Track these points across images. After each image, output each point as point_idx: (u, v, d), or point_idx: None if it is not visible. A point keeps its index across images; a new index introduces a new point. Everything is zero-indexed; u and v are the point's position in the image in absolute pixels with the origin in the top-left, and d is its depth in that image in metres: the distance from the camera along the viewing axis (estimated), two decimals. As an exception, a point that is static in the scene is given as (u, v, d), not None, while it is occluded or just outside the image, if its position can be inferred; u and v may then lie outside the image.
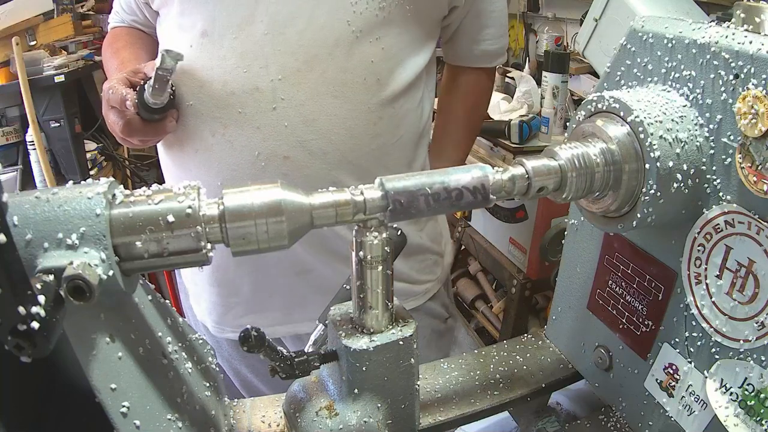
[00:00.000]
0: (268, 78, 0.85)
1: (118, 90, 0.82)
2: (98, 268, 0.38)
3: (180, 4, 0.89)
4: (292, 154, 0.86)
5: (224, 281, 0.99)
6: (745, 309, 0.48)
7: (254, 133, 0.85)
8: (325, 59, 0.85)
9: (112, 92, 0.83)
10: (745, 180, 0.46)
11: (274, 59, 0.84)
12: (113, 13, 1.12)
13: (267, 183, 0.43)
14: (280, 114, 0.85)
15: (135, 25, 1.08)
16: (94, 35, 2.70)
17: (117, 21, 1.10)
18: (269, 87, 0.85)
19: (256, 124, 0.85)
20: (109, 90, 0.83)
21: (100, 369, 0.43)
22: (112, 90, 0.83)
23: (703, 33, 0.49)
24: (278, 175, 0.87)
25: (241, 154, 0.87)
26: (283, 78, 0.85)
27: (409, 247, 1.03)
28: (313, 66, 0.85)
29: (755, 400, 0.47)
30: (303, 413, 0.55)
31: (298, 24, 0.84)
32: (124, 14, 1.08)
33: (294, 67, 0.85)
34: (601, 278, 0.64)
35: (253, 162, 0.86)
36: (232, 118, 0.86)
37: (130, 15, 1.07)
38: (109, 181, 0.42)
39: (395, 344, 0.52)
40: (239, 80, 0.85)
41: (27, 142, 2.07)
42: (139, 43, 1.06)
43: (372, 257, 0.49)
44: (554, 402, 0.77)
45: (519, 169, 0.49)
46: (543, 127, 1.68)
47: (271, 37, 0.84)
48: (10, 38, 1.95)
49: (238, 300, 1.00)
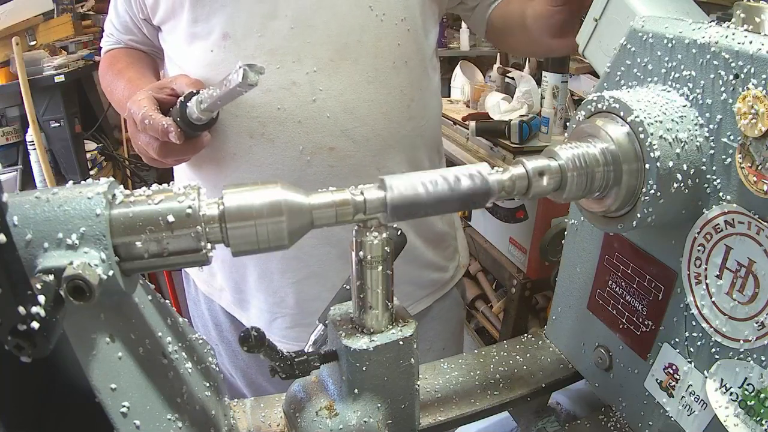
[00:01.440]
0: (303, 71, 0.84)
1: (155, 120, 0.77)
2: (98, 268, 0.38)
3: (191, 13, 0.87)
4: (337, 145, 0.86)
5: (270, 290, 0.99)
6: (745, 309, 0.48)
7: (296, 127, 0.85)
8: (355, 47, 0.85)
9: (148, 122, 0.78)
10: (745, 180, 0.46)
11: (306, 52, 0.84)
12: (106, 37, 1.10)
13: (267, 183, 0.43)
14: (321, 105, 0.85)
15: (132, 45, 1.06)
16: (94, 35, 2.69)
17: (112, 43, 1.08)
18: (306, 80, 0.84)
19: (297, 119, 0.85)
20: (144, 119, 0.78)
21: (100, 369, 0.43)
22: (148, 120, 0.78)
23: (703, 33, 0.49)
24: (324, 167, 0.86)
25: (284, 151, 0.86)
26: (319, 69, 0.84)
27: (436, 234, 1.05)
28: (344, 55, 0.85)
29: (755, 400, 0.47)
30: (303, 413, 0.55)
31: (322, 15, 0.84)
32: (120, 35, 1.06)
33: (327, 57, 0.84)
34: (601, 278, 0.64)
35: (297, 157, 0.86)
36: (271, 115, 0.85)
37: (126, 35, 1.05)
38: (109, 181, 0.42)
39: (395, 344, 0.52)
40: (273, 77, 0.84)
41: (27, 142, 2.07)
42: (141, 62, 1.05)
43: (372, 257, 0.49)
44: (554, 402, 0.77)
45: (519, 169, 0.49)
46: (543, 127, 1.68)
47: (298, 31, 0.84)
48: (10, 38, 1.94)
49: (284, 311, 0.99)
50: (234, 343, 1.12)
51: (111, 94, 1.02)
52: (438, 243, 1.06)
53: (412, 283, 1.04)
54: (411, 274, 1.03)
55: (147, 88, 0.84)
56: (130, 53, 1.06)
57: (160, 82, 0.87)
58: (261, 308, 1.01)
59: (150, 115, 0.78)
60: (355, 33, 0.85)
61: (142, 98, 0.81)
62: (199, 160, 0.92)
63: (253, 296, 1.01)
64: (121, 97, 0.95)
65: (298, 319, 0.99)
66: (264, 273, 0.97)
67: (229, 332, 1.11)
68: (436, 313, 1.10)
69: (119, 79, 0.99)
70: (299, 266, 0.94)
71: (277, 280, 0.96)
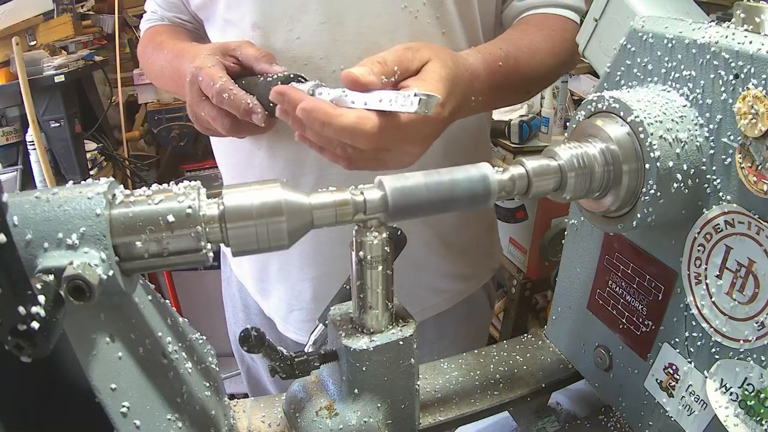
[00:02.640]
0: (330, 69, 0.81)
1: (237, 97, 0.70)
2: (98, 268, 0.38)
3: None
4: None
5: (289, 282, 0.99)
6: (745, 309, 0.48)
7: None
8: (387, 46, 0.79)
9: (227, 96, 0.70)
10: (745, 180, 0.46)
11: (334, 50, 0.81)
12: (147, 15, 1.07)
13: (267, 182, 0.44)
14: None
15: (177, 20, 1.02)
16: (94, 35, 2.69)
17: (155, 20, 1.04)
18: (332, 78, 0.81)
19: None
20: (223, 93, 0.70)
21: (100, 369, 0.43)
22: (228, 94, 0.70)
23: (703, 33, 0.49)
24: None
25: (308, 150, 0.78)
26: (346, 68, 0.80)
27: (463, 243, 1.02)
28: (374, 53, 0.78)
29: (755, 400, 0.47)
30: (303, 413, 0.55)
31: (354, 12, 0.81)
32: (163, 11, 1.02)
33: (356, 55, 0.80)
34: (601, 278, 0.64)
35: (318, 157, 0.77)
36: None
37: (170, 11, 1.01)
38: (109, 181, 0.42)
39: (395, 344, 0.52)
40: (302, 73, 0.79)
41: (27, 142, 2.07)
42: (185, 35, 0.99)
43: (372, 257, 0.49)
44: (554, 402, 0.77)
45: (519, 169, 0.49)
46: (543, 127, 1.68)
47: (328, 27, 0.81)
48: (10, 38, 1.94)
49: (301, 305, 1.00)
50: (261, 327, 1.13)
51: (151, 66, 0.97)
52: (465, 252, 1.03)
53: (433, 289, 1.03)
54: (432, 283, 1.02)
55: (209, 50, 0.77)
56: (173, 27, 1.02)
57: (221, 46, 0.78)
58: (280, 299, 1.02)
59: (230, 89, 0.71)
60: (388, 31, 0.81)
61: (213, 65, 0.73)
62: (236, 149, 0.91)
63: (274, 287, 1.03)
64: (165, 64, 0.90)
65: (314, 314, 0.99)
66: (284, 266, 0.98)
67: (256, 316, 1.13)
68: (459, 313, 1.09)
69: (161, 50, 0.92)
70: (317, 263, 0.94)
71: (296, 274, 0.97)
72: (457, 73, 0.68)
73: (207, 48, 0.79)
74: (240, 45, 0.77)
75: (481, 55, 0.76)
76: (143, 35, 1.05)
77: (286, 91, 0.65)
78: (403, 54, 0.65)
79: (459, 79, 0.69)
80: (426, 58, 0.66)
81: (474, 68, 0.74)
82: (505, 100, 0.91)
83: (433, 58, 0.66)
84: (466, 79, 0.71)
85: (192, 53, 0.82)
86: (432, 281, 1.02)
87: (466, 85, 0.71)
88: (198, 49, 0.83)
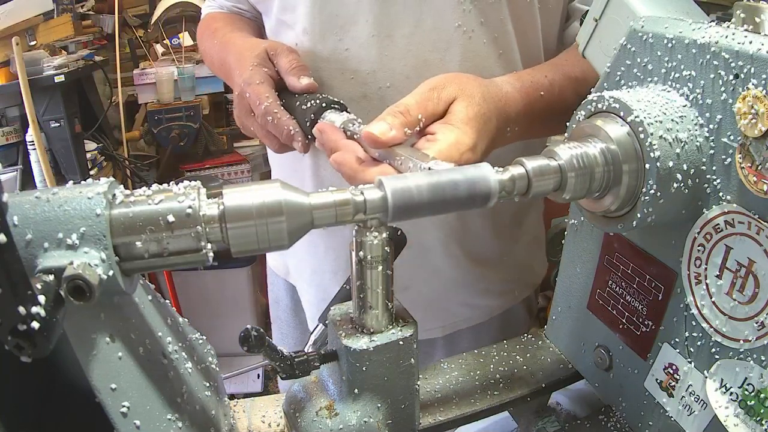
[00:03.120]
0: (375, 85, 0.79)
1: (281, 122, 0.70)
2: (98, 268, 0.38)
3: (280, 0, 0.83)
4: None
5: (321, 286, 0.99)
6: (745, 309, 0.48)
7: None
8: (437, 64, 0.78)
9: (272, 120, 0.71)
10: (745, 180, 0.46)
11: (381, 65, 0.78)
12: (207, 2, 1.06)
13: (267, 182, 0.44)
14: None
15: (235, 9, 1.01)
16: (94, 35, 2.69)
17: (214, 7, 1.04)
18: (377, 95, 0.78)
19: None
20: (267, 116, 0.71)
21: (100, 369, 0.43)
22: (272, 118, 0.71)
23: (703, 33, 0.49)
24: None
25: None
26: (392, 86, 0.78)
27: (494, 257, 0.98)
28: (422, 72, 0.76)
29: (755, 400, 0.47)
30: (303, 413, 0.55)
31: (405, 26, 0.77)
32: (222, 0, 1.02)
33: (403, 73, 0.78)
34: (601, 278, 0.64)
35: None
36: None
37: (229, 0, 1.00)
38: (109, 181, 0.42)
39: (395, 344, 0.52)
40: (346, 86, 0.79)
41: (27, 142, 2.07)
42: (239, 24, 0.97)
43: (372, 257, 0.49)
44: (554, 402, 0.77)
45: (519, 169, 0.49)
46: (543, 127, 1.68)
47: (377, 40, 0.78)
48: (10, 38, 1.94)
49: None
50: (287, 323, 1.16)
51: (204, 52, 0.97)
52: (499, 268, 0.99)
53: (466, 304, 1.01)
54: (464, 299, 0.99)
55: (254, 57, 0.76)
56: (230, 15, 1.00)
57: (263, 51, 0.77)
58: (311, 301, 1.04)
59: (275, 112, 0.71)
60: (439, 50, 0.78)
61: (261, 82, 0.73)
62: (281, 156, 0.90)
63: (306, 291, 1.04)
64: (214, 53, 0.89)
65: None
66: (316, 270, 0.98)
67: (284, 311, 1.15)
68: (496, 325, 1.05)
69: (213, 38, 0.92)
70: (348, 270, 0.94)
71: (328, 279, 0.97)
72: (487, 109, 0.65)
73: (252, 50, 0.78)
74: (278, 53, 0.76)
75: (520, 83, 0.72)
76: (202, 20, 1.05)
77: (324, 129, 0.66)
78: (428, 96, 0.63)
79: (490, 114, 0.65)
80: (452, 96, 0.63)
81: (509, 97, 0.69)
82: (549, 130, 0.84)
83: (459, 96, 0.63)
84: (499, 111, 0.67)
85: (237, 51, 0.81)
86: (464, 297, 0.99)
87: (500, 117, 0.67)
88: (243, 46, 0.81)
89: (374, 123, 0.59)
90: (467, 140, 0.60)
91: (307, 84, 0.73)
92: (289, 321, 1.16)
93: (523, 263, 1.06)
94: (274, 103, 0.72)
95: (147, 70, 2.50)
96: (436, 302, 0.98)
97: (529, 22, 0.83)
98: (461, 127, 0.61)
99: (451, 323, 1.01)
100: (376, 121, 0.60)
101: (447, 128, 0.61)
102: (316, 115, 0.69)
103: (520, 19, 0.81)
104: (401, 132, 0.59)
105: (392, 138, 0.59)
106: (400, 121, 0.60)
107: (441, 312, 1.00)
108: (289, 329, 1.17)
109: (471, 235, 0.95)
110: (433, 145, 0.59)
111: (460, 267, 0.96)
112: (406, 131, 0.60)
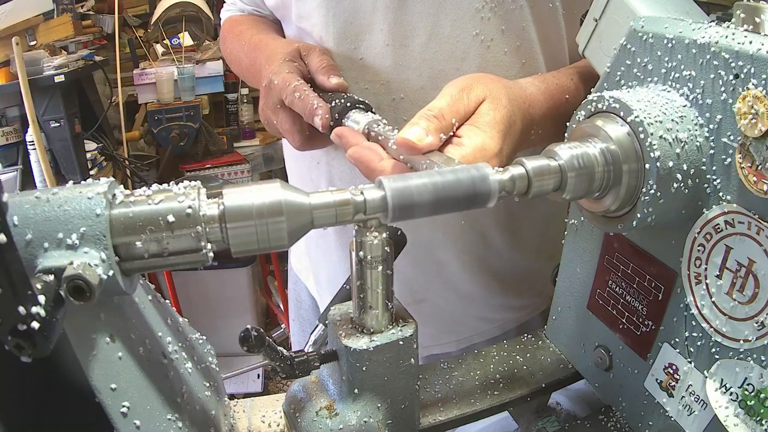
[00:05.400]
0: (389, 96, 0.77)
1: (307, 97, 0.68)
2: (98, 268, 0.38)
3: (296, 7, 0.81)
4: None
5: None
6: (745, 309, 0.48)
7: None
8: (452, 75, 0.73)
9: (299, 95, 0.68)
10: (745, 180, 0.46)
11: (396, 75, 0.77)
12: (227, 6, 1.05)
13: (267, 182, 0.44)
14: None
15: (256, 13, 1.00)
16: (94, 35, 2.69)
17: (234, 10, 1.03)
18: (390, 107, 0.77)
19: None
20: (296, 92, 0.69)
21: (100, 369, 0.43)
22: (300, 93, 0.68)
23: (703, 33, 0.49)
24: None
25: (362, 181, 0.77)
26: (406, 97, 0.77)
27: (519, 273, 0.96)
28: (438, 83, 0.72)
29: (755, 400, 0.47)
30: (303, 413, 0.55)
31: (421, 35, 0.76)
32: (242, 4, 1.00)
33: (417, 84, 0.77)
34: (601, 278, 0.64)
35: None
36: None
37: (250, 5, 0.99)
38: (109, 181, 0.42)
39: (395, 344, 0.52)
40: (360, 96, 0.75)
41: (27, 142, 2.07)
42: (263, 26, 0.95)
43: (372, 257, 0.49)
44: (554, 402, 0.77)
45: (519, 169, 0.49)
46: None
47: (392, 49, 0.76)
48: (10, 38, 1.94)
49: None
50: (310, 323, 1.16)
51: (230, 56, 0.95)
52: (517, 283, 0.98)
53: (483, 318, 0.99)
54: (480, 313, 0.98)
55: (286, 53, 0.75)
56: (254, 18, 0.99)
57: (296, 49, 0.75)
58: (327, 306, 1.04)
59: (303, 90, 0.69)
60: (455, 60, 0.76)
61: (290, 72, 0.72)
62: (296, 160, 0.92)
63: (322, 297, 1.05)
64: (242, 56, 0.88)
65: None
66: (334, 276, 0.98)
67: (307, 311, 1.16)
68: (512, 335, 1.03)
69: (240, 40, 0.90)
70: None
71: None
72: (513, 111, 0.63)
73: (284, 48, 0.77)
74: (310, 52, 0.75)
75: (545, 85, 0.70)
76: (223, 24, 1.04)
77: (342, 134, 0.65)
78: (459, 98, 0.60)
79: (515, 117, 0.64)
80: (481, 97, 0.61)
81: (533, 99, 0.68)
82: None
83: (487, 97, 0.61)
84: (524, 113, 0.66)
85: (269, 50, 0.80)
86: (481, 311, 0.99)
87: (524, 119, 0.66)
88: (275, 45, 0.80)
89: (408, 128, 0.56)
90: (494, 145, 0.58)
91: (336, 83, 0.72)
92: (312, 321, 1.15)
93: (545, 277, 1.06)
94: (304, 82, 0.71)
95: (147, 70, 2.50)
96: (451, 316, 0.97)
97: (553, 29, 0.81)
98: (488, 131, 0.59)
99: (467, 337, 1.00)
100: (410, 126, 0.56)
101: (473, 131, 0.59)
102: (341, 114, 0.68)
103: (544, 26, 0.79)
104: (437, 138, 0.56)
105: (429, 144, 0.56)
106: (435, 125, 0.57)
107: (456, 326, 0.99)
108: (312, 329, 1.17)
109: (492, 251, 0.93)
110: (459, 149, 0.57)
111: (478, 283, 0.95)
112: (441, 137, 0.57)
